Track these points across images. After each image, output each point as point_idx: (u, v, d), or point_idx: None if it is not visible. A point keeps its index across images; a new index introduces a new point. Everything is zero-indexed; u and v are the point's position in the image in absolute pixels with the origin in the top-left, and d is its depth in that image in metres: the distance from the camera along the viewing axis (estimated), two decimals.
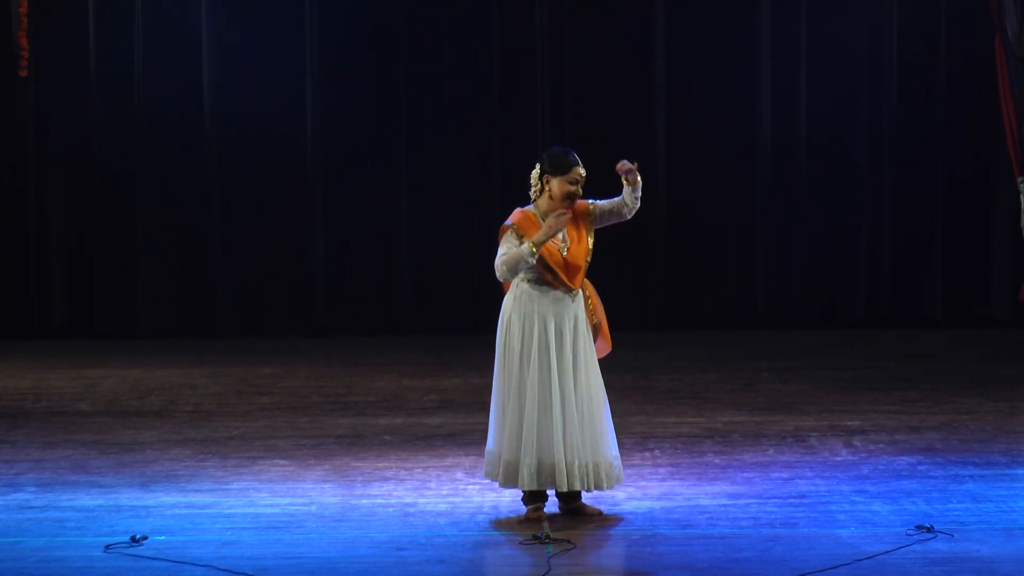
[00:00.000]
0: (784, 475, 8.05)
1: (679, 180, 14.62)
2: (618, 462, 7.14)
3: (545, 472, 6.96)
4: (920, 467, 8.22)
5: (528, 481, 6.97)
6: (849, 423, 9.59)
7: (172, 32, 14.52)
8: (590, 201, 7.14)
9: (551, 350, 6.97)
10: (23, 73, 13.89)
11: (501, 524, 7.05)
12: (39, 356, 13.33)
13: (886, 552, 6.44)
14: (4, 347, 13.88)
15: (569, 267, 7.02)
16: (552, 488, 7.04)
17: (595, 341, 7.14)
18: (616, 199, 7.13)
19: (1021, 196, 10.91)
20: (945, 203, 14.73)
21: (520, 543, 6.66)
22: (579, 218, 7.10)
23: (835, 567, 6.22)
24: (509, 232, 7.01)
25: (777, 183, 14.71)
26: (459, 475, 8.10)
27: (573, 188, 7.03)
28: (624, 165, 7.02)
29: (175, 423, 9.85)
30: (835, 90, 14.66)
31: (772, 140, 14.72)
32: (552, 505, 7.16)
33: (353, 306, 14.84)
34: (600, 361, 7.16)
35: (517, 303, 7.05)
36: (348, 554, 6.54)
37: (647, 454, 8.61)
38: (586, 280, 7.14)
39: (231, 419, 9.99)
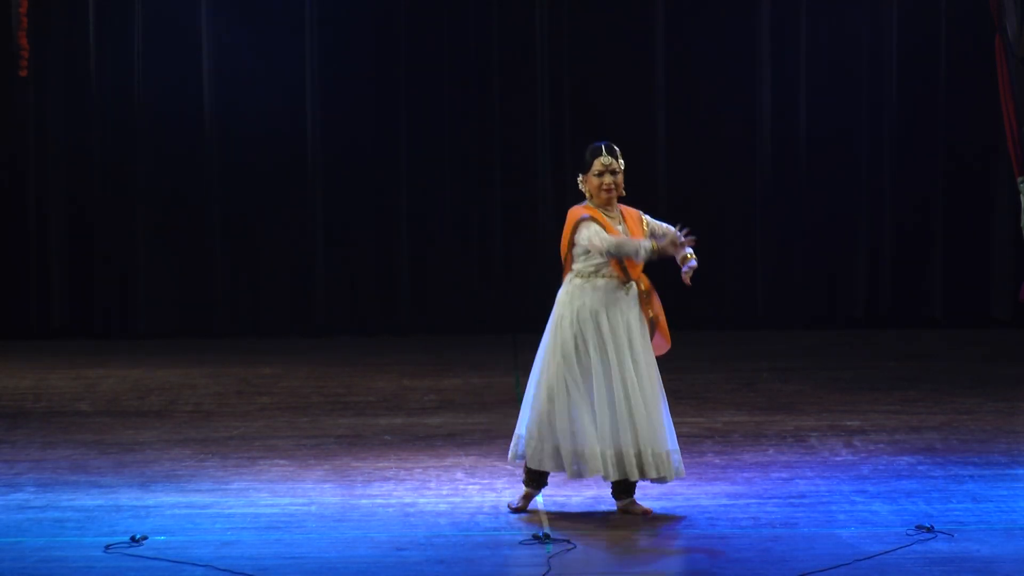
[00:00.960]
0: (784, 475, 8.05)
1: (679, 180, 14.59)
2: (677, 456, 7.16)
3: (584, 460, 6.97)
4: (920, 467, 8.22)
5: (568, 466, 6.99)
6: (849, 423, 9.59)
7: (172, 32, 14.50)
8: (643, 214, 7.28)
9: (605, 343, 7.03)
10: (23, 73, 13.85)
11: (501, 524, 7.04)
12: (39, 356, 13.31)
13: (886, 552, 6.44)
14: (4, 347, 13.87)
15: None
16: (593, 477, 7.06)
17: (652, 337, 7.17)
18: (664, 226, 7.28)
19: (1021, 196, 10.91)
20: (945, 203, 14.73)
21: (520, 543, 6.66)
22: (634, 223, 7.21)
23: (835, 567, 6.22)
24: (588, 221, 7.07)
25: (777, 183, 14.70)
26: (459, 475, 8.10)
27: (600, 180, 7.10)
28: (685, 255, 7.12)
29: (175, 423, 9.85)
30: (835, 90, 14.64)
31: (772, 140, 14.71)
32: (551, 504, 7.15)
33: (353, 306, 14.83)
34: None
35: (571, 298, 7.11)
36: (348, 554, 6.54)
37: None
38: (643, 275, 7.20)
39: (231, 419, 9.99)
